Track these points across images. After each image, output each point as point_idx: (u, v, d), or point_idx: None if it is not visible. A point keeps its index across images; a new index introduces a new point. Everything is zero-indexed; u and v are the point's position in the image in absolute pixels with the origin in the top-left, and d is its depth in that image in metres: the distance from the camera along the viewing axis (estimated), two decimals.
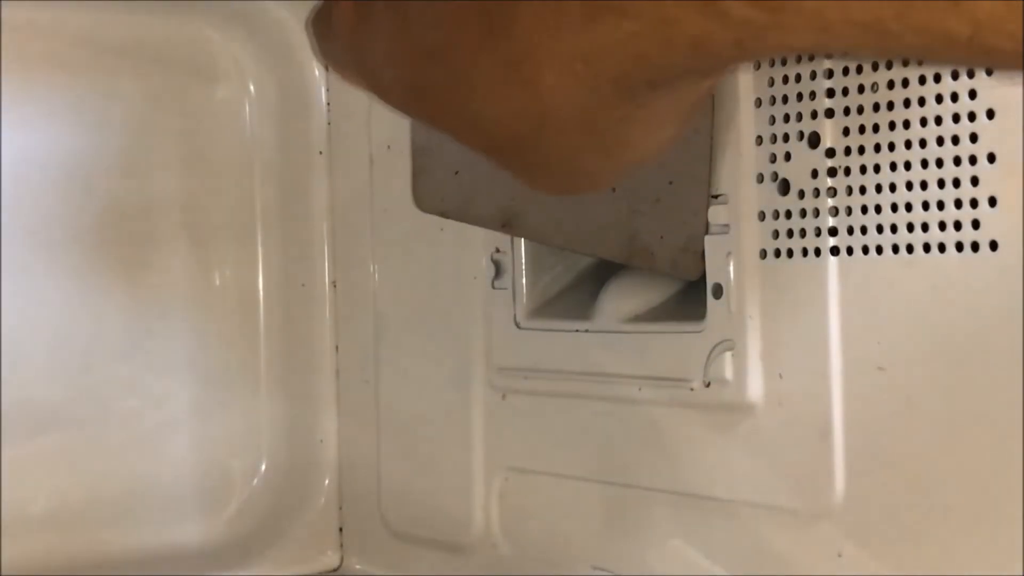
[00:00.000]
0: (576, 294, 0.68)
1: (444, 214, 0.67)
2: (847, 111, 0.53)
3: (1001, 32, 0.26)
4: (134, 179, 0.82)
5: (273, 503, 0.84)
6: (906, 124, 0.51)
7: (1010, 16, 0.26)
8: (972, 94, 0.49)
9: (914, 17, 0.27)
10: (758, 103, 0.56)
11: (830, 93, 0.53)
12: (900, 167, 0.51)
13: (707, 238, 0.58)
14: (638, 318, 0.63)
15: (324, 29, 0.41)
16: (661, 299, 0.63)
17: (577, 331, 0.65)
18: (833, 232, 0.54)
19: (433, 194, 0.66)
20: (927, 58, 0.29)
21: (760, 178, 0.56)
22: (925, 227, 0.51)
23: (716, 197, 0.57)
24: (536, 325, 0.68)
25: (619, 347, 0.63)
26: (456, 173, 0.65)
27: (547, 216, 0.62)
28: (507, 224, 0.63)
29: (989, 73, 0.48)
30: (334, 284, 0.85)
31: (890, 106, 0.51)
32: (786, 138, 0.55)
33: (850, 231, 0.53)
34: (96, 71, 0.81)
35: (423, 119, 0.39)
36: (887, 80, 0.52)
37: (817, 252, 0.54)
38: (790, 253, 0.55)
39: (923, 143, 0.50)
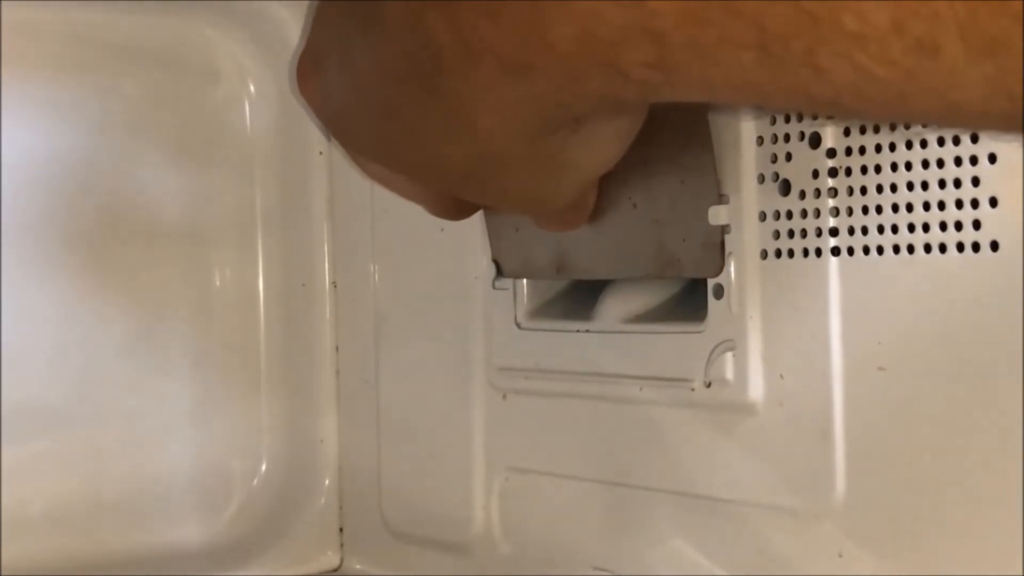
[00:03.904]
0: (577, 294, 0.68)
1: (517, 274, 0.68)
2: None
3: (860, 96, 0.30)
4: (134, 179, 0.82)
5: (273, 503, 0.84)
6: (906, 124, 0.51)
7: (865, 83, 0.29)
8: None
9: (785, 82, 0.30)
10: None
11: None
12: (901, 167, 0.51)
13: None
14: (639, 318, 0.63)
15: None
16: (662, 299, 0.63)
17: (578, 331, 0.65)
18: (834, 232, 0.54)
19: (506, 256, 0.68)
20: (798, 112, 0.34)
21: (761, 178, 0.56)
22: (926, 227, 0.51)
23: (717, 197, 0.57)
24: (537, 325, 0.68)
25: (620, 347, 0.63)
26: (516, 230, 0.67)
27: (589, 252, 0.63)
28: (560, 269, 0.64)
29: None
30: (334, 284, 0.85)
31: None
32: (787, 138, 0.55)
33: (851, 231, 0.53)
34: (96, 71, 0.81)
35: (389, 167, 0.44)
36: None
37: (818, 252, 0.54)
38: (791, 253, 0.55)
39: (924, 143, 0.50)
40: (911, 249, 0.51)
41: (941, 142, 0.50)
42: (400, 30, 0.36)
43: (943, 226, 0.50)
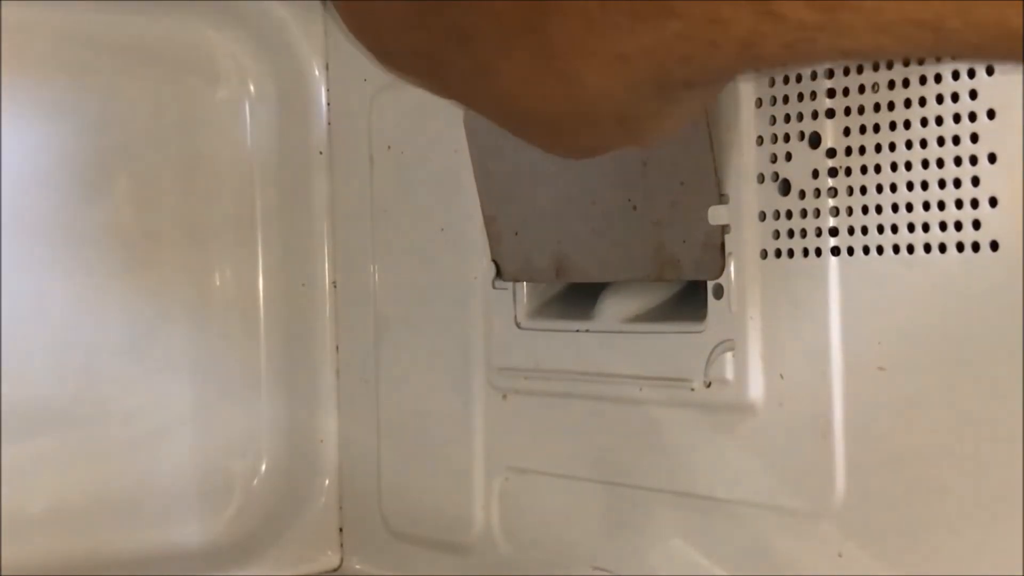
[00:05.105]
0: (576, 294, 0.68)
1: (516, 277, 0.69)
2: (848, 111, 0.53)
3: None
4: (134, 179, 0.82)
5: (273, 503, 0.84)
6: (907, 124, 0.51)
7: None
8: (973, 94, 0.49)
9: (976, 13, 0.26)
10: (759, 103, 0.56)
11: (831, 93, 0.54)
12: (901, 167, 0.51)
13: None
14: (639, 318, 0.63)
15: None
16: (661, 299, 0.63)
17: (578, 331, 0.65)
18: (834, 232, 0.54)
19: (506, 259, 0.68)
20: (979, 56, 0.28)
21: (761, 178, 0.56)
22: (926, 227, 0.51)
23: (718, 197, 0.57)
24: (536, 325, 0.68)
25: (620, 347, 0.63)
26: (516, 234, 0.67)
27: (588, 255, 0.63)
28: (559, 272, 0.65)
29: (990, 72, 0.48)
30: (334, 284, 0.85)
31: (891, 106, 0.52)
32: (787, 138, 0.55)
33: (851, 231, 0.53)
34: (96, 71, 0.81)
35: (434, 92, 0.38)
36: (888, 80, 0.52)
37: (818, 252, 0.54)
38: (791, 253, 0.55)
39: (924, 143, 0.50)
40: (911, 249, 0.51)
41: (941, 141, 0.50)
42: None
43: (943, 226, 0.50)
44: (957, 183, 0.50)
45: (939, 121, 0.50)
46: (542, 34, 0.32)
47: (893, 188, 0.52)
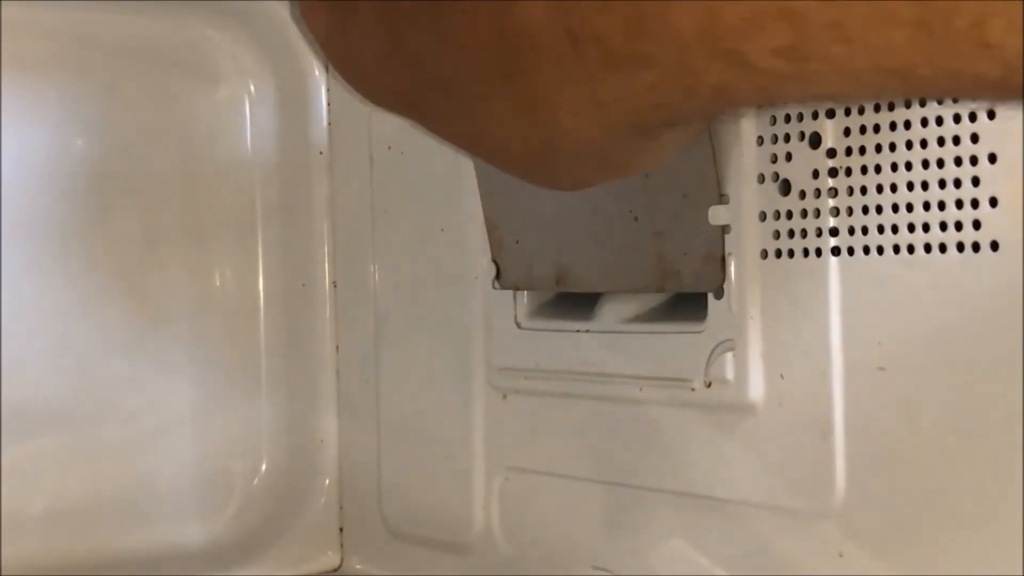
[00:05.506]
0: (577, 294, 0.68)
1: (517, 286, 0.69)
2: (848, 111, 0.53)
3: None
4: (134, 179, 0.82)
5: (273, 503, 0.84)
6: (907, 124, 0.51)
7: None
8: None
9: (944, 62, 0.27)
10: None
11: None
12: (901, 167, 0.51)
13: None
14: (639, 318, 0.63)
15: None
16: (662, 299, 0.63)
17: (578, 331, 0.65)
18: (834, 232, 0.54)
19: (507, 267, 0.69)
20: (952, 97, 0.29)
21: (761, 178, 0.56)
22: (926, 227, 0.51)
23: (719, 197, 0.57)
24: (537, 325, 0.68)
25: (620, 347, 0.63)
26: (517, 242, 0.67)
27: (589, 265, 0.63)
28: (560, 281, 0.65)
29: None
30: (334, 284, 0.85)
31: (891, 106, 0.52)
32: (787, 138, 0.55)
33: (851, 231, 0.53)
34: (96, 71, 0.81)
35: (419, 128, 0.39)
36: None
37: (818, 252, 0.54)
38: (791, 253, 0.55)
39: (924, 143, 0.51)
40: (911, 249, 0.51)
41: (941, 142, 0.50)
42: (486, 8, 0.32)
43: (943, 226, 0.50)
44: (957, 183, 0.50)
45: (939, 121, 0.50)
46: (518, 82, 0.33)
47: (893, 188, 0.52)
